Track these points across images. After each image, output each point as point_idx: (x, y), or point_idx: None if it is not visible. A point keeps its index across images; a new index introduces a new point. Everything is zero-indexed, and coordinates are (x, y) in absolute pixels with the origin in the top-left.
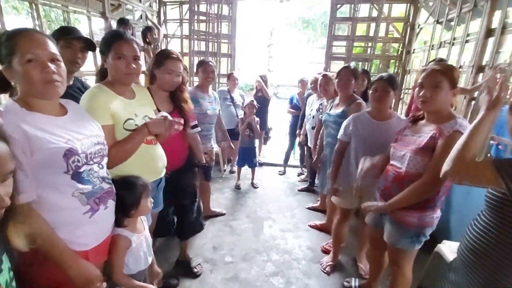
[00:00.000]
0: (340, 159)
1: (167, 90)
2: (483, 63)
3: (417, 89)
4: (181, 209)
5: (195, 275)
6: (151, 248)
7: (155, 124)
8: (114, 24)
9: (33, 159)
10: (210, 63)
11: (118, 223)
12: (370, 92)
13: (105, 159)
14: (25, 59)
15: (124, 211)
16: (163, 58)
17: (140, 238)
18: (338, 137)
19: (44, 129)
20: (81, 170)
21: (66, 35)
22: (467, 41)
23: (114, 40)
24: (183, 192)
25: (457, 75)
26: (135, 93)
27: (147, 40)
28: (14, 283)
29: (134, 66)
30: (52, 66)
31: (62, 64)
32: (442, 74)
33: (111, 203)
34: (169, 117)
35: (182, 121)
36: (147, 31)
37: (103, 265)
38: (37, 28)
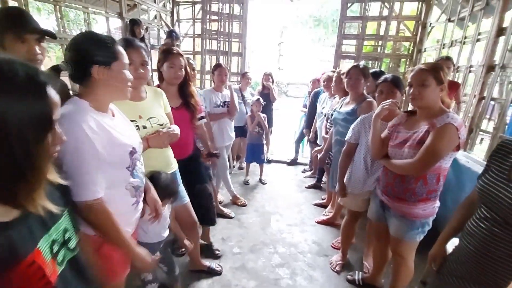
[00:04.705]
0: (348, 161)
1: (175, 83)
2: (494, 63)
3: (407, 88)
4: (194, 195)
5: (216, 257)
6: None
7: (155, 138)
8: None
9: (107, 155)
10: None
11: None
12: (376, 94)
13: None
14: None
15: None
16: (166, 54)
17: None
18: (346, 139)
19: (114, 128)
20: (136, 165)
21: (15, 26)
22: (478, 40)
23: (125, 49)
24: (193, 178)
25: (443, 73)
26: (147, 95)
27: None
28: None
29: (142, 71)
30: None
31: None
32: (427, 72)
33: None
34: (170, 131)
35: (177, 130)
36: (172, 34)
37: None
38: (60, 27)
